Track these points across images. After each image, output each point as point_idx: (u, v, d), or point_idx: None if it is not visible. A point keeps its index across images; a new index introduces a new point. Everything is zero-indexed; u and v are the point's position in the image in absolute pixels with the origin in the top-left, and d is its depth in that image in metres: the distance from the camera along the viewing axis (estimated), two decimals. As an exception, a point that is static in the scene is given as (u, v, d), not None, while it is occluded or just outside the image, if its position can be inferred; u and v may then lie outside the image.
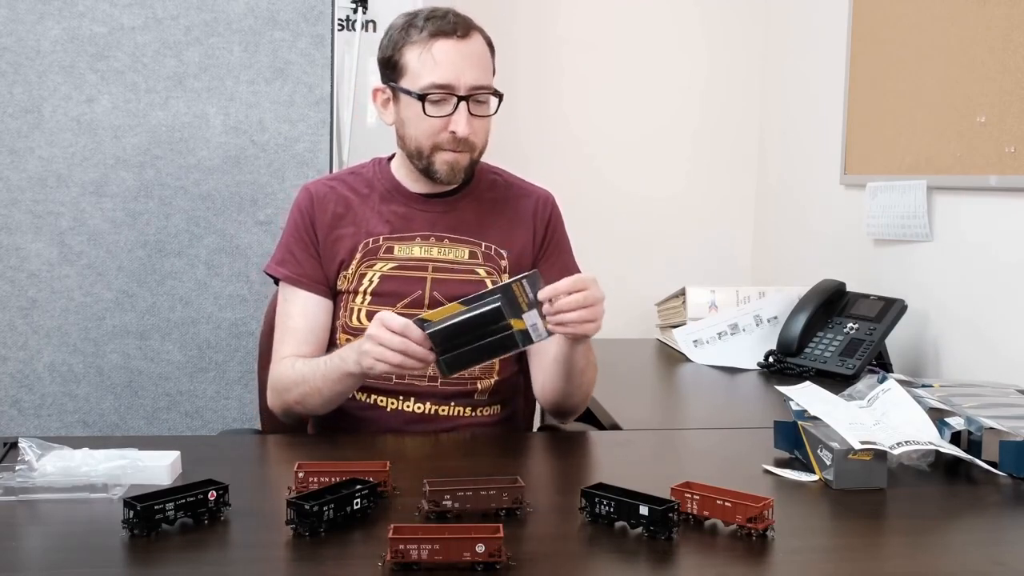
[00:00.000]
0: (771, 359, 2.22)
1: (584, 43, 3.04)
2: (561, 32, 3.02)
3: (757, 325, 2.32)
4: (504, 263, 1.65)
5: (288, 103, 2.33)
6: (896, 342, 2.17)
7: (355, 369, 1.44)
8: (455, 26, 1.54)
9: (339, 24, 2.39)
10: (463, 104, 1.54)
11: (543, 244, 1.70)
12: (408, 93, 1.56)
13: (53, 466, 1.22)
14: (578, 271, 1.74)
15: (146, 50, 2.28)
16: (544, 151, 3.00)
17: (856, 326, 2.16)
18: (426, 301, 1.60)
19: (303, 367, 1.56)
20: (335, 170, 2.36)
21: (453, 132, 1.55)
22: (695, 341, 2.34)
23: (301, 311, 1.64)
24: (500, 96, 1.58)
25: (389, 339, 1.35)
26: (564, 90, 3.04)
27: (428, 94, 1.54)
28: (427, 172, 1.61)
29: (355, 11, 2.56)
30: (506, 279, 1.64)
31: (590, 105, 3.06)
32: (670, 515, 1.05)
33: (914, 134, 2.20)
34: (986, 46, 1.94)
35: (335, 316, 1.65)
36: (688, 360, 2.33)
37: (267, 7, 2.30)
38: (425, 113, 1.55)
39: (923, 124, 2.16)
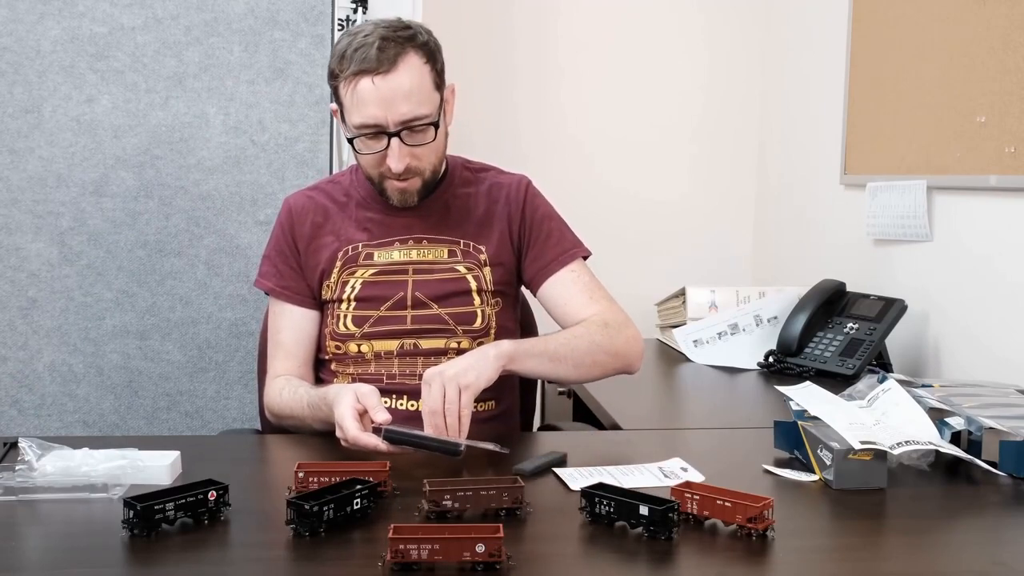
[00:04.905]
0: (771, 359, 2.22)
1: (584, 44, 3.04)
2: (561, 32, 3.02)
3: (757, 325, 2.32)
4: (483, 257, 1.66)
5: (288, 103, 2.33)
6: (896, 342, 2.17)
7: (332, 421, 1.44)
8: (379, 61, 1.49)
9: (339, 24, 2.39)
10: (395, 141, 1.52)
11: (522, 230, 1.69)
12: (345, 127, 1.57)
13: (53, 466, 1.22)
14: (577, 244, 1.71)
15: (146, 50, 2.28)
16: (544, 151, 2.99)
17: (856, 326, 2.16)
18: (409, 302, 1.62)
19: (289, 399, 1.58)
20: (335, 170, 2.36)
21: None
22: (695, 341, 2.34)
23: (287, 324, 1.68)
24: (436, 124, 1.55)
25: (344, 436, 1.36)
26: (564, 90, 3.04)
27: (357, 135, 1.54)
28: (383, 197, 1.63)
29: (355, 11, 2.56)
30: (487, 272, 1.64)
31: (590, 105, 3.06)
32: (670, 515, 1.05)
33: (914, 134, 2.20)
34: (986, 46, 1.94)
35: (323, 324, 1.67)
36: (688, 360, 2.33)
37: (267, 7, 2.30)
38: (358, 151, 1.56)
39: (923, 124, 2.16)
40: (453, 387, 1.36)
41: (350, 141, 1.56)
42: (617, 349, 1.60)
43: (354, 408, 1.36)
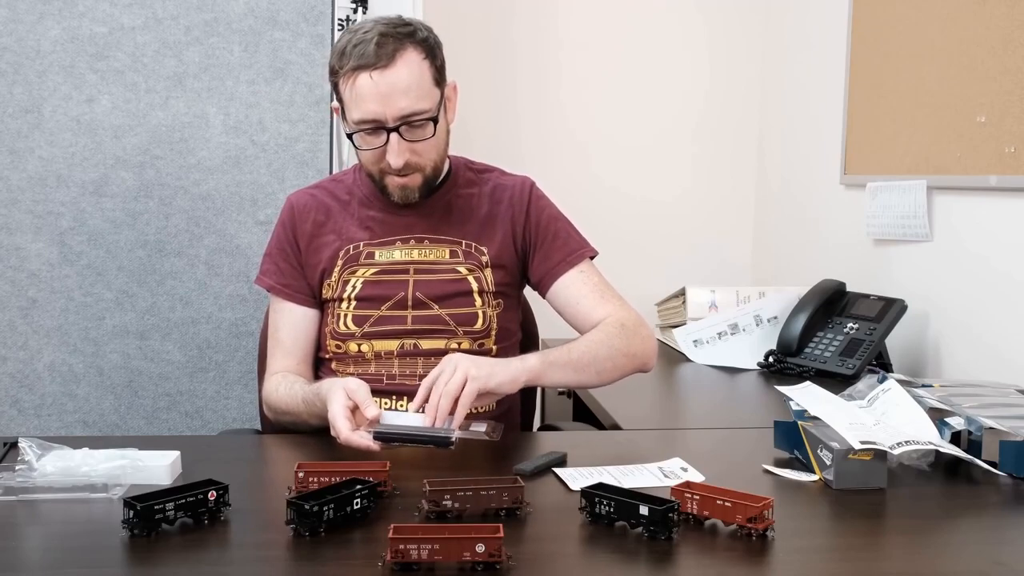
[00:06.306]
0: (771, 359, 2.22)
1: (584, 43, 3.04)
2: (561, 32, 3.02)
3: (757, 325, 2.32)
4: (485, 259, 1.66)
5: (288, 103, 2.33)
6: (896, 342, 2.17)
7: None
8: (377, 56, 1.49)
9: (339, 24, 2.39)
10: (394, 136, 1.52)
11: (527, 232, 1.69)
12: (346, 123, 1.58)
13: (53, 466, 1.22)
14: (584, 244, 1.72)
15: (146, 50, 2.28)
16: (544, 152, 3.00)
17: (856, 326, 2.16)
18: (409, 302, 1.62)
19: (285, 394, 1.58)
20: (335, 170, 2.36)
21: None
22: (695, 341, 2.34)
23: (286, 322, 1.68)
24: (435, 120, 1.55)
25: (336, 435, 1.37)
26: (564, 90, 3.04)
27: (356, 131, 1.54)
28: (383, 193, 1.63)
29: (355, 11, 2.56)
30: (488, 274, 1.64)
31: (590, 105, 3.06)
32: (670, 515, 1.05)
33: (914, 134, 2.20)
34: (986, 46, 1.94)
35: (323, 323, 1.67)
36: (688, 360, 2.33)
37: (267, 7, 2.30)
38: (357, 147, 1.57)
39: (923, 124, 2.16)
40: (462, 374, 1.36)
41: (350, 137, 1.57)
42: (635, 351, 1.61)
43: (345, 407, 1.37)
